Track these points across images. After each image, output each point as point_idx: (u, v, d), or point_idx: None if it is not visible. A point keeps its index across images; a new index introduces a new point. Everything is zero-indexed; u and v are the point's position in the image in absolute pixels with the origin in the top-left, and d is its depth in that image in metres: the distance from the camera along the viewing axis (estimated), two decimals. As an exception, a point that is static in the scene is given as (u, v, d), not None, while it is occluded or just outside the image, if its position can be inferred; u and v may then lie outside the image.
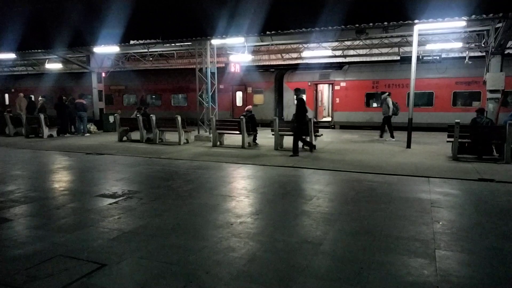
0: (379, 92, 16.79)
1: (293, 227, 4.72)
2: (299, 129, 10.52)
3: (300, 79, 19.24)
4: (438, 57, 13.11)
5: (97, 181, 7.56)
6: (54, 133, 15.64)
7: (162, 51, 19.12)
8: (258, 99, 20.54)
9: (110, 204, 5.76)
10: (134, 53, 19.29)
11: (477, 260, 3.77)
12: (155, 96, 23.38)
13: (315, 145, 11.26)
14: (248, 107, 13.42)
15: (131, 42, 13.53)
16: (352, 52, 18.17)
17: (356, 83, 18.13)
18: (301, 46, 18.12)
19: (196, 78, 14.64)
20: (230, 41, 13.86)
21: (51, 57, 20.38)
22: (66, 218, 5.10)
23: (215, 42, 13.85)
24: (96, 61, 18.74)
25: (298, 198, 6.15)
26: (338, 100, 18.59)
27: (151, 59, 20.10)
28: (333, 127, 18.71)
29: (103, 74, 19.49)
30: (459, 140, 9.54)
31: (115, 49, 16.20)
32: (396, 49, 16.90)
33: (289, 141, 10.85)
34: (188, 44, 16.73)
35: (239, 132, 12.03)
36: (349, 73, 18.43)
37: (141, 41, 14.11)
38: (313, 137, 11.11)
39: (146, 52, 18.36)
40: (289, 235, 4.45)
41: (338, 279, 3.36)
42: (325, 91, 21.89)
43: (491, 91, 12.53)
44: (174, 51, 19.70)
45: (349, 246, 4.10)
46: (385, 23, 10.57)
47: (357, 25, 10.49)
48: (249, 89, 20.78)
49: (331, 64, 19.81)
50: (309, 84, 19.07)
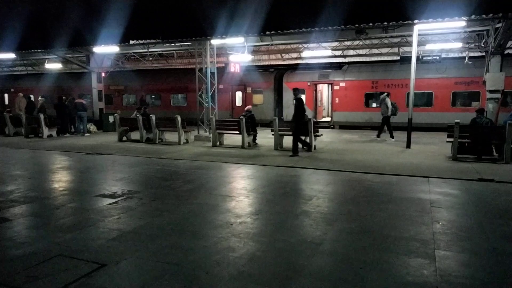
0: (378, 92, 16.80)
1: (293, 227, 4.72)
2: (297, 129, 10.53)
3: (300, 79, 19.23)
4: (437, 57, 13.11)
5: (96, 181, 7.56)
6: (54, 133, 15.64)
7: (162, 51, 19.12)
8: (257, 99, 20.53)
9: (110, 204, 5.76)
10: (134, 53, 19.28)
11: (477, 260, 3.78)
12: (155, 96, 23.38)
13: (315, 145, 11.27)
14: (247, 107, 13.42)
15: (131, 42, 13.52)
16: (352, 52, 18.15)
17: (355, 83, 18.13)
18: (301, 46, 18.10)
19: (195, 78, 14.64)
20: (230, 41, 13.86)
21: (50, 57, 20.38)
22: (66, 218, 5.10)
23: (215, 42, 13.85)
24: (95, 61, 18.74)
25: (298, 198, 6.15)
26: (337, 100, 18.60)
27: (151, 59, 20.08)
28: (333, 127, 18.71)
29: (102, 74, 19.49)
30: (459, 140, 9.55)
31: (115, 49, 16.20)
32: (396, 49, 16.89)
33: (289, 141, 10.85)
34: (188, 44, 16.73)
35: (239, 132, 12.04)
36: (349, 73, 18.43)
37: (141, 41, 14.10)
38: (313, 137, 11.11)
39: (146, 52, 18.35)
40: (289, 235, 4.45)
41: (337, 279, 3.37)
42: (324, 91, 21.88)
43: (491, 91, 12.54)
44: (174, 51, 19.69)
45: (348, 246, 4.11)
46: (385, 23, 10.57)
47: (357, 25, 10.49)
48: (249, 89, 20.76)
49: (331, 64, 19.81)
50: (309, 84, 19.06)
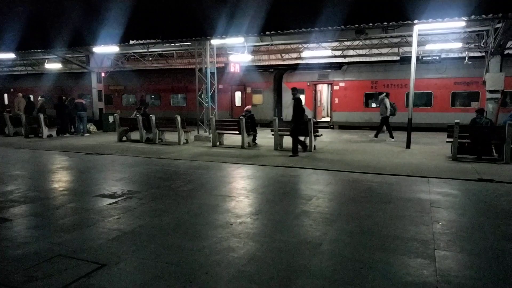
0: (378, 92, 16.80)
1: (293, 227, 4.72)
2: (295, 129, 10.52)
3: (299, 79, 19.23)
4: (437, 57, 13.11)
5: (96, 181, 7.55)
6: (54, 133, 15.64)
7: (162, 51, 19.12)
8: (257, 99, 20.53)
9: (109, 204, 5.76)
10: (134, 53, 19.28)
11: (476, 261, 3.77)
12: (154, 96, 23.38)
13: (314, 145, 11.27)
14: (247, 107, 13.42)
15: (131, 42, 13.53)
16: (351, 52, 18.16)
17: (355, 83, 18.13)
18: (300, 46, 18.11)
19: (195, 78, 14.63)
20: (230, 41, 13.86)
21: (50, 57, 20.37)
22: (66, 218, 5.09)
23: (215, 42, 13.85)
24: (95, 61, 18.74)
25: (297, 198, 6.15)
26: (337, 100, 18.60)
27: (150, 59, 20.08)
28: (332, 127, 18.72)
29: (102, 74, 19.48)
30: (458, 140, 9.56)
31: (114, 49, 16.20)
32: (395, 49, 16.90)
33: (288, 141, 10.85)
34: (187, 44, 16.72)
35: (239, 132, 12.04)
36: (348, 73, 18.43)
37: (140, 41, 14.10)
38: (312, 137, 11.11)
39: (146, 52, 18.36)
40: (289, 235, 4.45)
41: (337, 279, 3.37)
42: (324, 91, 21.89)
43: (491, 92, 12.54)
44: (173, 51, 19.69)
45: (348, 246, 4.11)
46: (385, 23, 10.57)
47: (356, 25, 10.49)
48: (248, 89, 20.75)
49: (331, 64, 19.81)
50: (308, 84, 19.07)
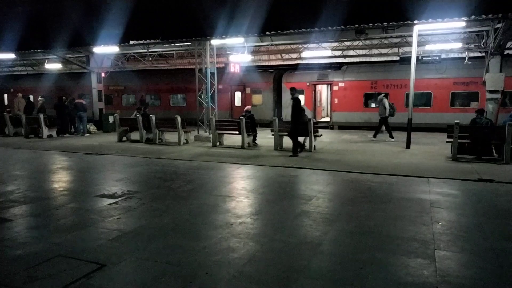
0: (377, 93, 16.80)
1: (293, 228, 4.72)
2: (293, 129, 10.50)
3: (299, 79, 19.22)
4: (437, 58, 13.11)
5: (96, 182, 7.55)
6: (54, 133, 15.63)
7: (162, 51, 19.11)
8: (256, 99, 20.52)
9: (109, 204, 5.76)
10: (134, 53, 19.27)
11: (476, 261, 3.77)
12: (154, 96, 23.39)
13: (314, 146, 11.25)
14: (247, 107, 13.42)
15: (131, 42, 13.52)
16: (351, 53, 18.15)
17: (354, 83, 18.12)
18: (300, 46, 18.11)
19: (195, 78, 14.63)
20: (230, 41, 13.85)
21: (50, 57, 20.36)
22: (66, 219, 5.09)
23: (215, 42, 13.84)
24: (95, 61, 18.73)
25: (297, 198, 6.15)
26: (336, 101, 18.59)
27: (150, 59, 20.08)
28: (332, 128, 18.71)
29: (102, 74, 19.47)
30: (458, 140, 9.56)
31: (114, 49, 16.18)
32: (395, 50, 16.90)
33: (288, 141, 10.84)
34: (187, 44, 16.72)
35: (239, 132, 12.04)
36: (348, 73, 18.43)
37: (140, 41, 14.09)
38: (312, 138, 11.11)
39: (146, 52, 18.35)
40: (289, 235, 4.45)
41: (337, 279, 3.37)
42: (323, 91, 21.89)
43: (491, 92, 12.54)
44: (173, 51, 19.68)
45: (348, 246, 4.11)
46: (385, 23, 10.56)
47: (356, 25, 10.48)
48: (248, 89, 20.75)
49: (331, 65, 19.81)
50: (308, 84, 19.07)
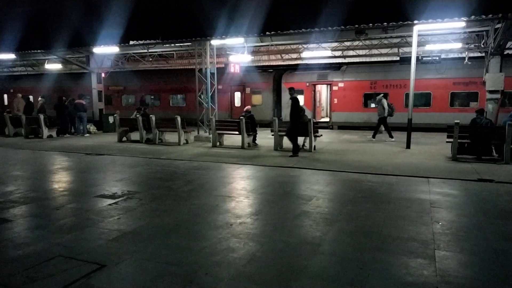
0: (377, 93, 16.80)
1: (293, 228, 4.72)
2: (291, 128, 10.48)
3: (299, 79, 19.22)
4: (437, 58, 13.11)
5: (96, 182, 7.55)
6: (54, 133, 15.63)
7: (162, 51, 19.11)
8: (256, 99, 20.53)
9: (109, 204, 5.76)
10: (134, 53, 19.27)
11: (476, 261, 3.78)
12: (154, 97, 23.39)
13: (314, 146, 11.26)
14: (247, 107, 13.43)
15: (131, 42, 13.52)
16: (351, 53, 18.16)
17: (354, 83, 18.12)
18: (300, 46, 18.12)
19: (195, 78, 14.63)
20: (230, 41, 13.85)
21: (50, 57, 20.36)
22: (66, 219, 5.09)
23: (215, 42, 13.85)
24: (95, 61, 18.72)
25: (297, 198, 6.15)
26: (336, 101, 18.58)
27: (150, 59, 20.08)
28: (331, 128, 18.71)
29: (102, 75, 19.47)
30: (458, 140, 9.56)
31: (114, 49, 16.18)
32: (395, 50, 16.90)
33: (288, 141, 10.84)
34: (187, 45, 16.72)
35: (239, 132, 12.04)
36: (347, 73, 18.42)
37: (140, 42, 14.10)
38: (312, 138, 11.11)
39: (146, 52, 18.35)
40: (289, 235, 4.45)
41: (337, 279, 3.37)
42: (323, 91, 21.89)
43: (491, 92, 12.54)
44: (173, 52, 19.69)
45: (348, 247, 4.11)
46: (385, 23, 10.57)
47: (356, 25, 10.49)
48: (248, 90, 20.76)
49: (330, 65, 19.82)
50: (307, 84, 19.07)
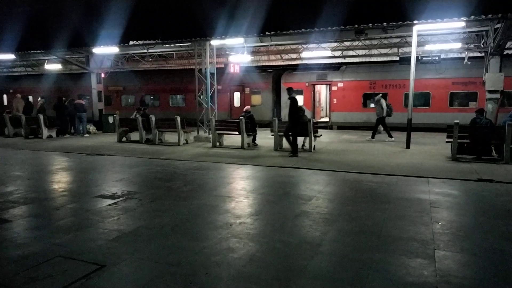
0: (376, 93, 16.80)
1: (293, 228, 4.72)
2: (290, 129, 10.48)
3: (298, 79, 19.23)
4: (437, 58, 13.11)
5: (96, 182, 7.55)
6: (54, 134, 15.62)
7: (162, 51, 19.11)
8: (256, 99, 20.54)
9: (109, 205, 5.76)
10: (134, 53, 19.26)
11: (476, 261, 3.78)
12: (153, 97, 23.40)
13: (314, 146, 11.26)
14: (246, 107, 13.42)
15: (131, 42, 13.51)
16: (351, 53, 18.17)
17: (353, 83, 18.12)
18: (300, 46, 18.12)
19: (195, 78, 14.62)
20: (230, 41, 13.85)
21: (50, 57, 20.34)
22: (66, 219, 5.09)
23: (215, 42, 13.85)
24: (95, 61, 18.70)
25: (297, 198, 6.15)
26: (335, 101, 18.58)
27: (150, 59, 20.07)
28: (331, 128, 18.72)
29: (102, 75, 19.46)
30: (458, 140, 9.56)
31: (114, 49, 16.17)
32: (395, 50, 16.91)
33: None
34: (187, 45, 16.72)
35: (239, 132, 12.04)
36: (347, 73, 18.43)
37: (140, 42, 14.09)
38: (312, 138, 11.11)
39: (146, 52, 18.35)
40: (289, 235, 4.45)
41: (337, 279, 3.37)
42: (322, 91, 21.90)
43: (490, 92, 12.54)
44: (173, 52, 19.69)
45: (348, 247, 4.11)
46: (385, 23, 10.57)
47: (356, 25, 10.49)
48: (247, 90, 20.77)
49: (330, 65, 19.82)
50: (307, 84, 19.08)
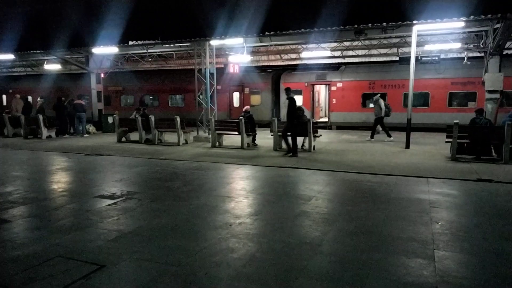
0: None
1: (292, 228, 4.72)
2: (287, 129, 10.47)
3: (297, 79, 19.24)
4: (436, 58, 13.11)
5: (96, 182, 7.54)
6: (53, 134, 15.62)
7: (161, 51, 19.10)
8: (255, 99, 20.55)
9: (109, 205, 5.75)
10: (133, 53, 19.25)
11: (476, 261, 3.78)
12: (153, 97, 23.40)
13: (314, 146, 11.26)
14: (246, 107, 13.41)
15: (130, 43, 13.51)
16: (350, 53, 18.17)
17: (352, 83, 18.13)
18: (299, 46, 18.13)
19: (194, 78, 14.62)
20: (229, 41, 13.84)
21: (50, 58, 20.32)
22: (65, 219, 5.09)
23: (214, 42, 13.84)
24: (95, 61, 18.69)
25: (297, 198, 6.15)
26: (334, 101, 18.58)
27: (150, 59, 20.05)
28: (330, 128, 18.72)
29: (101, 75, 19.44)
30: (458, 140, 9.56)
31: (114, 49, 16.16)
32: (394, 50, 16.92)
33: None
34: (187, 45, 16.71)
35: (238, 132, 12.03)
36: (346, 73, 18.43)
37: (140, 42, 14.09)
38: (312, 138, 11.11)
39: (145, 52, 18.33)
40: (288, 235, 4.45)
41: (337, 279, 3.37)
42: (322, 91, 21.90)
43: (490, 92, 12.55)
44: (173, 52, 19.69)
45: (348, 247, 4.11)
46: (384, 23, 10.58)
47: (356, 25, 10.49)
48: (246, 90, 20.78)
49: (329, 65, 19.83)
50: (306, 84, 19.09)
